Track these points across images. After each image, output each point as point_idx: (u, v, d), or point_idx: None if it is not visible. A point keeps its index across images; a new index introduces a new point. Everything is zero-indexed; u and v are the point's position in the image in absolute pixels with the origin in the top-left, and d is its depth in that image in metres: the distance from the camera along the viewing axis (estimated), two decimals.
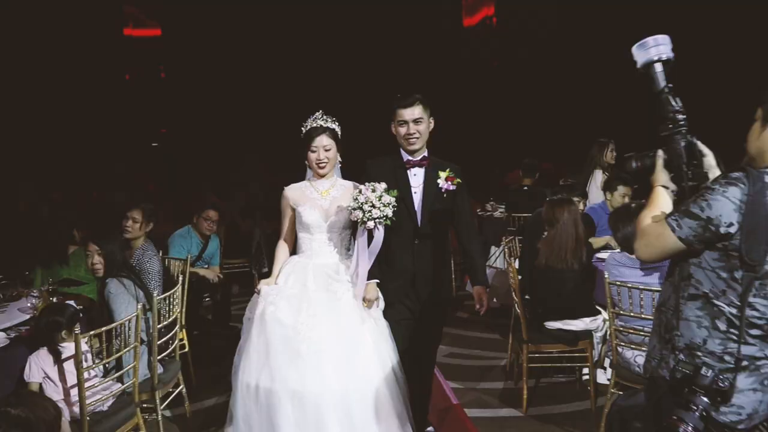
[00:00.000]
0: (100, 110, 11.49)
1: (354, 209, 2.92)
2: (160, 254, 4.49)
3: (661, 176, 1.97)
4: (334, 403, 2.77)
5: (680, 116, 1.90)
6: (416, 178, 3.17)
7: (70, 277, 4.18)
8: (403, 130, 3.11)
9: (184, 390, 3.79)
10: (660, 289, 2.16)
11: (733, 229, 1.75)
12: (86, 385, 2.81)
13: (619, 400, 2.16)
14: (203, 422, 3.84)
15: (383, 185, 2.95)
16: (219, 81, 11.71)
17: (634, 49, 1.96)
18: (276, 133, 10.60)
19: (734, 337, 1.79)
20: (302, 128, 3.17)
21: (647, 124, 2.41)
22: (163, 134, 13.42)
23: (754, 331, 1.79)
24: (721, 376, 1.74)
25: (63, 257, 4.32)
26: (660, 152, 1.98)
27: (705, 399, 1.73)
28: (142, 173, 10.47)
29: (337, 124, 3.19)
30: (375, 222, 2.90)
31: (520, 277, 4.03)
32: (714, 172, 1.96)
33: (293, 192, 3.22)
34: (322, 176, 3.18)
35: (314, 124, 3.14)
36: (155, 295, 3.41)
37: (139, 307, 3.07)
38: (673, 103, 1.90)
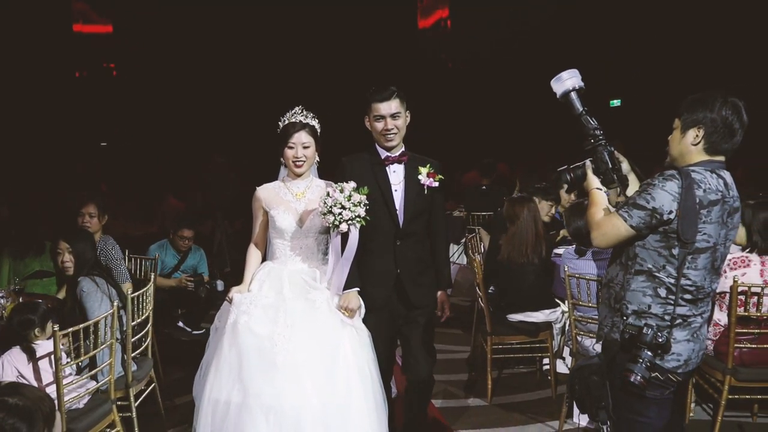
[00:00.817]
0: (47, 108, 11.19)
1: (324, 214, 2.72)
2: (127, 253, 4.49)
3: (594, 181, 2.39)
4: (312, 419, 2.59)
5: (598, 132, 2.35)
6: (396, 175, 3.01)
7: (42, 269, 4.14)
8: (379, 125, 2.93)
9: (157, 388, 3.80)
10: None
11: (672, 215, 2.17)
12: (63, 382, 2.82)
13: (578, 362, 2.46)
14: (177, 419, 3.86)
15: (352, 184, 2.75)
16: (175, 79, 11.55)
17: (553, 83, 2.40)
18: (238, 131, 10.57)
19: (671, 302, 2.23)
20: (279, 123, 2.96)
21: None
22: (115, 134, 13.14)
23: (687, 296, 2.24)
24: (659, 333, 2.17)
25: (39, 249, 4.26)
26: (588, 162, 2.41)
27: (648, 353, 2.17)
28: (94, 173, 10.26)
29: (317, 121, 2.99)
30: (348, 224, 2.70)
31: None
32: (630, 175, 2.45)
33: (266, 193, 3.00)
34: (299, 176, 2.98)
35: (293, 119, 2.92)
36: (127, 286, 3.42)
37: (116, 304, 3.08)
38: (591, 122, 2.36)
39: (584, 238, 3.45)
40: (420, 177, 2.99)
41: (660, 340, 2.15)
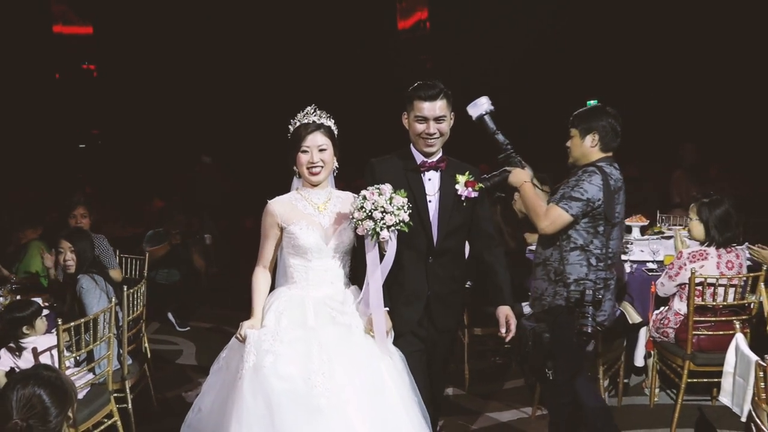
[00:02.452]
0: (27, 110, 11.17)
1: (361, 220, 2.35)
2: (118, 253, 4.65)
3: (523, 175, 2.91)
4: None
5: (509, 146, 2.91)
6: (431, 183, 2.68)
7: (29, 270, 4.31)
8: (420, 127, 2.62)
9: (150, 381, 3.96)
10: None
11: (600, 203, 2.81)
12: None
13: (525, 324, 2.91)
14: (169, 412, 4.03)
15: (389, 186, 2.42)
16: (157, 80, 11.59)
17: (469, 108, 2.85)
18: (224, 132, 10.66)
19: (601, 268, 2.86)
20: (289, 126, 2.63)
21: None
22: (95, 135, 13.13)
23: (608, 262, 2.89)
24: (596, 293, 2.80)
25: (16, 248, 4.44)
26: (507, 168, 2.92)
27: (591, 309, 2.78)
28: (78, 174, 10.30)
29: (333, 122, 2.63)
30: (389, 231, 2.36)
31: None
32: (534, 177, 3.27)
33: (281, 207, 2.57)
34: (316, 185, 2.59)
35: (305, 120, 2.56)
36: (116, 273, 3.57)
37: (113, 300, 3.25)
38: (502, 138, 2.90)
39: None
40: (458, 186, 2.67)
41: (599, 297, 2.81)
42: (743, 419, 2.38)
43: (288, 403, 2.26)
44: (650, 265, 4.13)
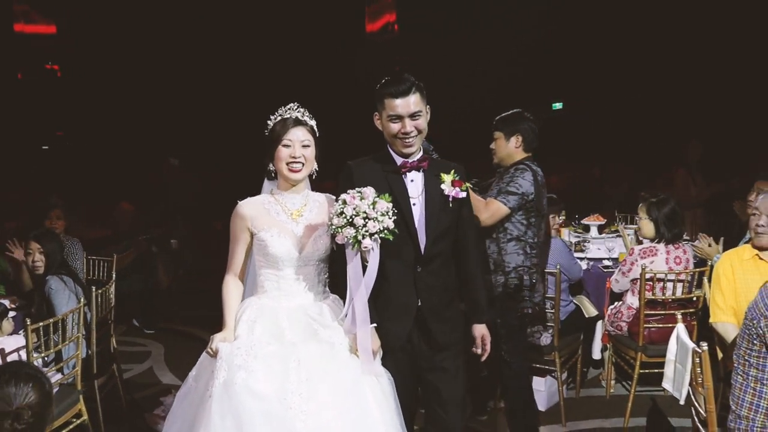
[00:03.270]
0: None
1: (341, 227, 2.13)
2: (85, 255, 4.66)
3: None
4: None
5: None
6: (414, 185, 2.46)
7: None
8: (395, 127, 2.39)
9: (119, 381, 4.00)
10: None
11: (533, 196, 3.08)
12: None
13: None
14: (139, 412, 4.06)
15: (371, 190, 2.19)
16: (122, 80, 11.48)
17: None
18: (192, 133, 10.61)
19: (534, 255, 3.16)
20: (269, 122, 2.45)
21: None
22: (59, 137, 12.94)
23: (537, 250, 3.20)
24: (532, 278, 3.13)
25: None
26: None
27: (529, 292, 3.13)
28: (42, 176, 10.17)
29: (315, 122, 2.47)
30: (372, 239, 2.13)
31: None
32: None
33: (251, 209, 2.39)
34: (294, 183, 2.40)
35: (288, 115, 2.40)
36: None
37: (82, 300, 3.29)
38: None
39: None
40: (443, 186, 2.46)
41: (534, 281, 3.15)
42: (681, 402, 2.55)
43: (261, 425, 2.06)
44: (606, 262, 4.33)
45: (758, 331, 2.28)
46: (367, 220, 2.12)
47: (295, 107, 2.44)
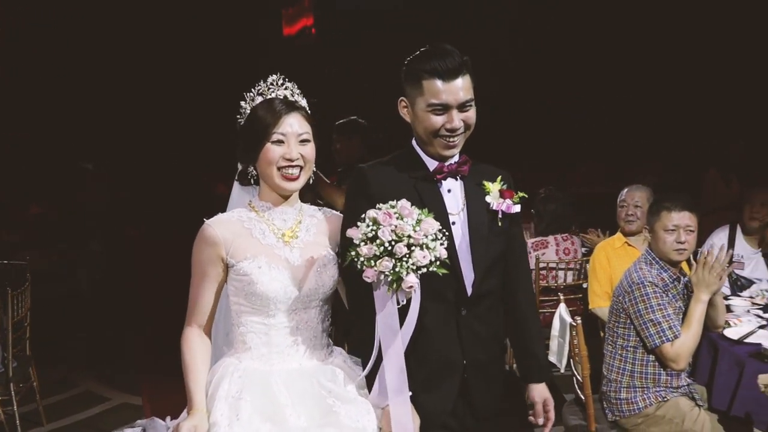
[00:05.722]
0: None
1: (374, 259, 1.53)
2: None
3: None
4: None
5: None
6: (453, 197, 1.84)
7: None
8: (438, 120, 1.75)
9: (36, 385, 3.98)
10: None
11: None
12: None
13: None
14: (56, 416, 4.07)
15: (407, 203, 1.59)
16: (32, 81, 11.03)
17: None
18: (106, 136, 10.33)
19: None
20: (243, 106, 1.78)
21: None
22: None
23: None
24: None
25: None
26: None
27: None
28: None
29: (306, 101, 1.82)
30: (418, 275, 1.55)
31: None
32: None
33: (226, 231, 1.71)
34: (286, 196, 1.77)
35: (273, 95, 1.74)
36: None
37: None
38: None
39: None
40: (489, 198, 1.84)
41: None
42: (562, 370, 2.92)
43: None
44: None
45: (623, 305, 2.66)
46: (413, 248, 1.53)
47: (281, 82, 1.76)
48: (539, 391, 1.96)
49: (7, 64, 10.73)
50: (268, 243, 1.73)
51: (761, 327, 2.89)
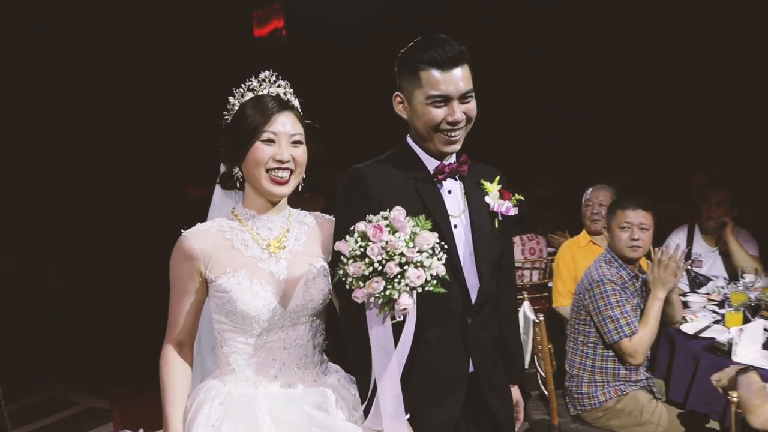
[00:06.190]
0: None
1: (362, 279, 1.41)
2: None
3: None
4: None
5: None
6: (453, 198, 1.74)
7: None
8: (438, 113, 1.65)
9: None
10: None
11: None
12: None
13: None
14: (22, 422, 4.00)
15: (401, 212, 1.45)
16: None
17: None
18: (66, 139, 10.14)
19: None
20: (230, 103, 1.66)
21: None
22: None
23: None
24: None
25: None
26: None
27: None
28: None
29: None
30: (410, 294, 1.41)
31: None
32: None
33: (205, 243, 1.60)
34: (275, 201, 1.65)
35: (265, 91, 1.64)
36: None
37: None
38: None
39: None
40: (488, 199, 1.76)
41: None
42: (526, 366, 2.99)
43: None
44: None
45: (583, 302, 2.75)
46: (406, 266, 1.38)
47: (273, 79, 1.66)
48: (512, 393, 1.94)
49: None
50: (252, 255, 1.61)
51: (716, 322, 3.00)
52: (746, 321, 2.85)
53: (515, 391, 1.96)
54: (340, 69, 10.52)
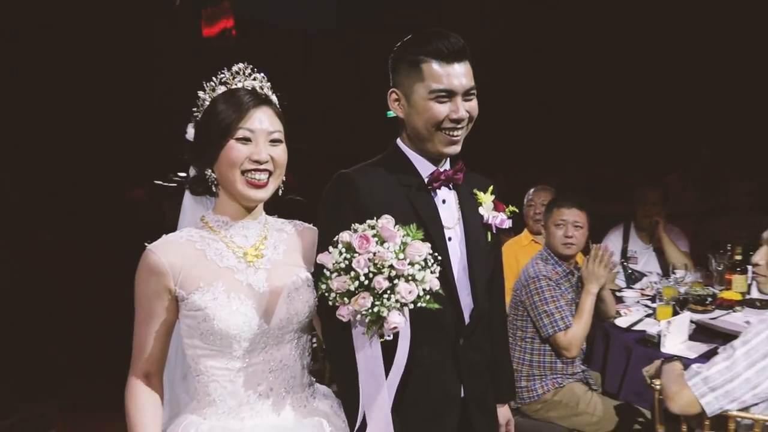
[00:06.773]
0: None
1: (348, 295, 1.29)
2: None
3: None
4: None
5: None
6: (447, 209, 1.64)
7: None
8: (441, 109, 1.53)
9: None
10: None
11: None
12: None
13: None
14: None
15: (390, 220, 1.33)
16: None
17: None
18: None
19: None
20: (201, 97, 1.50)
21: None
22: None
23: None
24: None
25: None
26: None
27: None
28: None
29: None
30: (401, 312, 1.30)
31: None
32: None
33: (174, 255, 1.42)
34: (251, 207, 1.50)
35: (239, 84, 1.48)
36: None
37: None
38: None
39: None
40: (482, 210, 1.67)
41: None
42: None
43: None
44: None
45: (521, 298, 2.85)
46: (396, 280, 1.26)
47: (248, 72, 1.50)
48: (503, 413, 1.87)
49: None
50: (227, 266, 1.43)
51: (648, 315, 3.15)
52: (675, 314, 3.00)
53: (506, 410, 1.89)
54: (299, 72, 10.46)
